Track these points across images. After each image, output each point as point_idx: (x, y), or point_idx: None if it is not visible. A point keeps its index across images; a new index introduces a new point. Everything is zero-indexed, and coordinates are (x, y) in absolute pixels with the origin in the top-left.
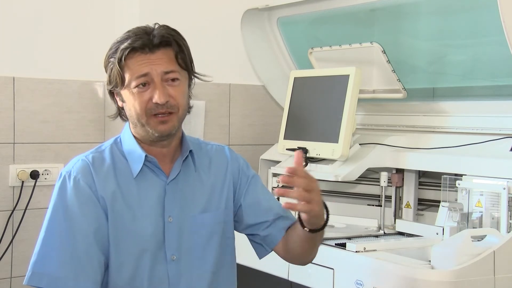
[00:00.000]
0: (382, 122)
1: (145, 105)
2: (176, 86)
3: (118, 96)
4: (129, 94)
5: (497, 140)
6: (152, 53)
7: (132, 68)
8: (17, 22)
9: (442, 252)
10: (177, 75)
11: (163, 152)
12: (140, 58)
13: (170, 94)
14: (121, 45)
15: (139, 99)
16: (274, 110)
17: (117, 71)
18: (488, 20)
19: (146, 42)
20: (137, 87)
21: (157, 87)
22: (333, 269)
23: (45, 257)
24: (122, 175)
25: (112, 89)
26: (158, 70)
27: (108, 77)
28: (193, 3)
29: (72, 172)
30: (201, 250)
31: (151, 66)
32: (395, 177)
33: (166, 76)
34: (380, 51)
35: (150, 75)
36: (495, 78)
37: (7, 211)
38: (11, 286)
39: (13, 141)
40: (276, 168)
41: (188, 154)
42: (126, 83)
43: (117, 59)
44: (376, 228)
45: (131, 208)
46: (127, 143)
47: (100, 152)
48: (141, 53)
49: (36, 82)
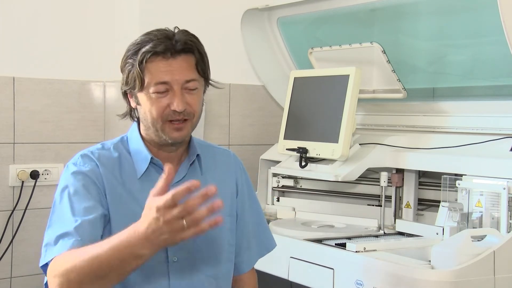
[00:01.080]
0: (382, 122)
1: (162, 111)
2: (194, 94)
3: (133, 98)
4: (146, 98)
5: (497, 140)
6: (174, 59)
7: (152, 72)
8: (17, 22)
9: (442, 252)
10: (196, 84)
11: (170, 156)
12: (161, 64)
13: (188, 102)
14: (142, 48)
15: (157, 105)
16: (274, 110)
17: (137, 73)
18: (488, 20)
19: (168, 47)
20: (155, 92)
21: (176, 95)
22: (333, 269)
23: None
24: (127, 174)
25: (128, 91)
26: (179, 79)
27: (126, 78)
28: (193, 3)
29: (79, 162)
30: (202, 253)
31: (172, 74)
32: (395, 177)
33: (186, 84)
34: (380, 51)
35: (170, 83)
36: (495, 78)
37: (7, 211)
38: (11, 286)
39: (13, 141)
40: (276, 168)
41: (195, 158)
42: (145, 86)
43: (138, 61)
44: (376, 228)
45: (133, 208)
46: (134, 142)
47: (106, 149)
48: (162, 57)
49: (36, 82)
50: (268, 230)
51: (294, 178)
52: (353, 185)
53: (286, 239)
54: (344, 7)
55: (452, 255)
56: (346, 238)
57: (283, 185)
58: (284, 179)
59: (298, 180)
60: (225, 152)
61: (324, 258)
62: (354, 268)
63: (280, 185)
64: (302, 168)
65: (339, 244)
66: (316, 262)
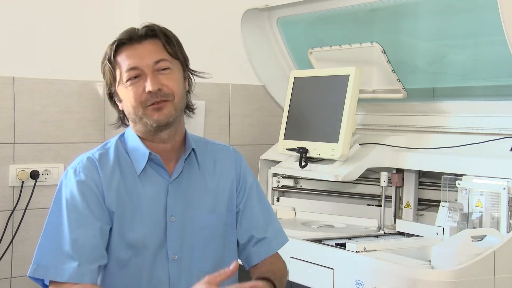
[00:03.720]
0: (382, 122)
1: (139, 97)
2: (168, 75)
3: (116, 97)
4: (124, 90)
5: (497, 140)
6: (139, 44)
7: (121, 62)
8: (17, 22)
9: (442, 252)
10: (167, 64)
11: (166, 149)
12: (128, 51)
13: (162, 82)
14: (108, 46)
15: (133, 91)
16: (274, 110)
17: (109, 69)
18: (488, 20)
19: (132, 34)
20: (129, 80)
21: (148, 76)
22: (333, 269)
23: (48, 250)
24: (126, 173)
25: (109, 91)
26: (148, 61)
27: (104, 80)
28: (193, 3)
29: (78, 169)
30: (202, 251)
31: (140, 58)
32: (395, 177)
33: (156, 66)
34: (380, 51)
35: (139, 67)
36: (495, 78)
37: (7, 211)
38: (11, 286)
39: (13, 141)
40: (276, 168)
41: (190, 152)
42: (118, 79)
43: (108, 56)
44: (376, 228)
45: (134, 206)
46: (131, 140)
47: (106, 149)
48: (128, 46)
49: (36, 82)
50: (279, 223)
51: (294, 178)
52: (353, 185)
53: None
54: (344, 7)
55: (452, 255)
56: (346, 238)
57: (283, 185)
58: (284, 179)
59: (298, 180)
60: (224, 148)
61: (324, 258)
62: (354, 268)
63: (280, 185)
64: (302, 168)
65: (339, 244)
66: (316, 262)
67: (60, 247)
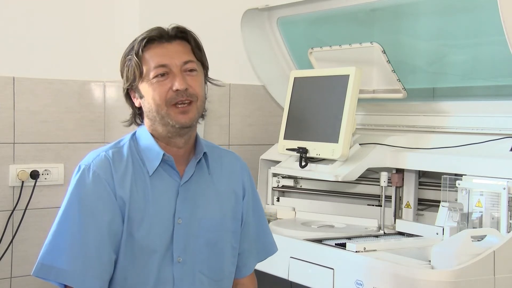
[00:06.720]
0: (382, 122)
1: (165, 95)
2: (194, 76)
3: (136, 93)
4: (148, 86)
5: (497, 140)
6: (169, 43)
7: (150, 58)
8: (17, 22)
9: (442, 252)
10: (195, 65)
11: (179, 153)
12: (158, 49)
13: (189, 83)
14: (137, 41)
15: (159, 89)
16: (274, 110)
17: (136, 63)
18: (488, 20)
19: (162, 33)
20: (156, 77)
21: (176, 75)
22: (333, 269)
23: (55, 250)
24: (138, 173)
25: (130, 86)
26: (177, 61)
27: (126, 74)
28: (193, 3)
29: (92, 166)
30: (205, 255)
31: (170, 57)
32: (395, 177)
33: (184, 66)
34: (380, 51)
35: (169, 65)
36: (495, 78)
37: (7, 211)
38: (11, 286)
39: (13, 141)
40: (276, 168)
41: (202, 156)
42: (144, 75)
43: (135, 51)
44: (376, 228)
45: (144, 206)
46: (144, 139)
47: (119, 148)
48: (158, 43)
49: (36, 82)
50: (270, 234)
51: (294, 178)
52: (353, 185)
53: (286, 239)
54: (344, 7)
55: (452, 255)
56: (346, 238)
57: (283, 185)
58: (284, 179)
59: (298, 180)
60: (232, 155)
61: (324, 258)
62: (354, 268)
63: (280, 185)
64: (302, 168)
65: (339, 244)
66: (316, 262)
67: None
